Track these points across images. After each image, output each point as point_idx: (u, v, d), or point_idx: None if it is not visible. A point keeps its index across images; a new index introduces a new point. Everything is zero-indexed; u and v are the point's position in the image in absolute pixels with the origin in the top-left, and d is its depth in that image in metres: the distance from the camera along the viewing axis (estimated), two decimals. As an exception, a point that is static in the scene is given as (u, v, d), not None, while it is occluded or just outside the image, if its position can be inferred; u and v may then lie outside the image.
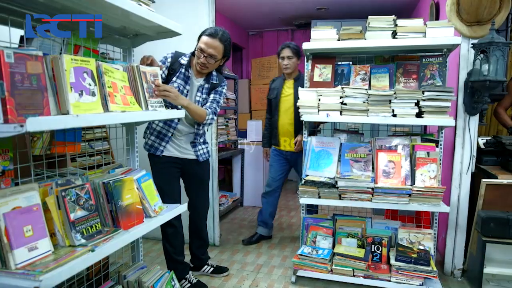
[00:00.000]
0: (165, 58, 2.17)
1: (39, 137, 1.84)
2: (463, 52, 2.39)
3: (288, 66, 2.97)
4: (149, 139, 2.21)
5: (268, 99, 3.20)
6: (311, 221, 2.64)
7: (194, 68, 2.19)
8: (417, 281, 2.22)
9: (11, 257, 1.12)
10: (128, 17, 1.59)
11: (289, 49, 2.95)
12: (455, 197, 2.51)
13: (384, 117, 2.26)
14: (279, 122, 3.07)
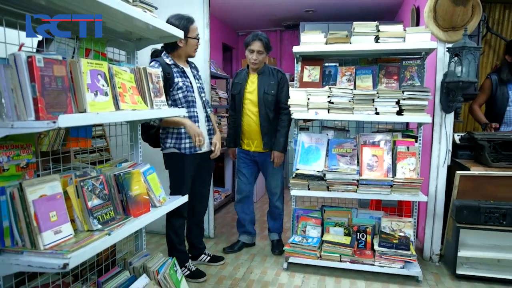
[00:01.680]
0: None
1: (45, 135, 1.98)
2: (439, 55, 2.61)
3: (256, 61, 2.76)
4: (184, 142, 2.30)
5: (232, 94, 2.96)
6: (301, 212, 2.82)
7: (181, 58, 2.35)
8: (398, 264, 2.43)
9: (40, 239, 1.26)
10: (133, 22, 1.73)
11: (261, 42, 2.74)
12: (433, 188, 2.73)
13: (368, 115, 2.46)
14: (243, 121, 2.85)
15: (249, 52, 2.78)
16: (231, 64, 6.46)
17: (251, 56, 2.76)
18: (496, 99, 2.97)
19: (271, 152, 2.80)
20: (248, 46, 2.78)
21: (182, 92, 2.26)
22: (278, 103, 2.76)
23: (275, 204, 2.94)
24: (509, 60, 2.89)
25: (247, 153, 2.90)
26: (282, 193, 2.97)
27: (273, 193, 2.93)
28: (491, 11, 3.75)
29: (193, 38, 2.31)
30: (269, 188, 2.95)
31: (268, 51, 2.81)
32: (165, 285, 1.96)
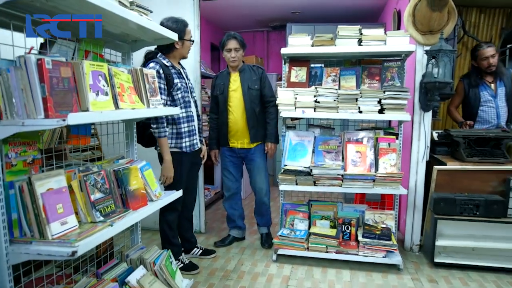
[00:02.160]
0: (158, 72, 2.27)
1: (42, 133, 2.05)
2: (418, 57, 2.77)
3: (235, 59, 2.84)
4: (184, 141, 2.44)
5: (214, 96, 3.00)
6: (289, 207, 2.95)
7: (175, 59, 2.47)
8: (380, 254, 2.58)
9: (48, 229, 1.36)
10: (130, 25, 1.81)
11: (236, 40, 2.82)
12: (413, 182, 2.89)
13: (351, 114, 2.60)
14: (229, 118, 2.91)
15: (226, 51, 2.86)
16: (218, 64, 6.55)
17: (229, 55, 2.85)
18: (469, 100, 3.16)
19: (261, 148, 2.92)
20: (224, 47, 2.86)
21: (181, 92, 2.37)
22: (263, 97, 2.89)
23: (262, 200, 3.02)
24: (475, 65, 3.08)
25: (233, 150, 2.98)
26: (268, 189, 3.06)
27: (259, 189, 3.01)
28: (467, 15, 3.96)
29: (188, 40, 2.41)
30: (254, 185, 3.03)
31: (244, 48, 2.89)
32: (161, 276, 2.05)
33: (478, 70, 3.12)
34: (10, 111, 1.30)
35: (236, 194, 3.12)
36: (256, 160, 2.95)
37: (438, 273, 2.59)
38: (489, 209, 2.53)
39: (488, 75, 3.11)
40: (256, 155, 2.94)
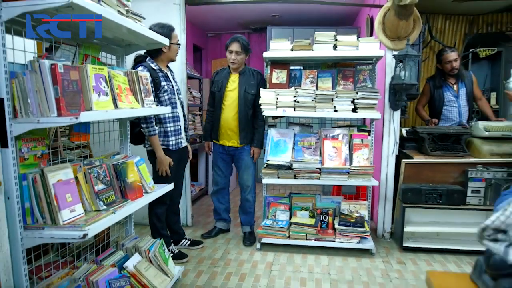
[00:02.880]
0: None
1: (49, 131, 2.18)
2: (388, 61, 3.04)
3: (235, 61, 2.96)
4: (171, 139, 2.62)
5: (212, 91, 3.15)
6: (272, 199, 3.17)
7: (163, 62, 2.64)
8: (355, 240, 2.83)
9: (59, 216, 1.52)
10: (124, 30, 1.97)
11: (239, 44, 2.94)
12: (384, 174, 3.17)
13: (328, 112, 2.84)
14: (222, 116, 3.05)
15: (228, 52, 2.99)
16: (201, 64, 6.70)
17: (230, 56, 2.98)
18: (434, 100, 3.46)
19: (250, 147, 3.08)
20: (227, 48, 3.00)
21: (167, 94, 2.54)
22: (256, 102, 2.99)
23: (246, 197, 3.19)
24: (440, 67, 3.39)
25: (223, 147, 3.13)
26: (254, 187, 3.22)
27: (244, 186, 3.18)
28: (434, 21, 4.29)
29: (175, 44, 2.59)
30: (241, 182, 3.20)
31: (247, 52, 3.01)
32: (155, 262, 2.23)
33: (442, 72, 3.42)
34: (25, 110, 1.46)
35: (224, 188, 3.27)
36: (244, 159, 3.11)
37: (406, 256, 2.87)
38: (450, 197, 2.82)
39: (451, 77, 3.42)
40: (245, 154, 3.10)
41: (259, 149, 3.11)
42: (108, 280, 1.87)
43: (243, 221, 3.25)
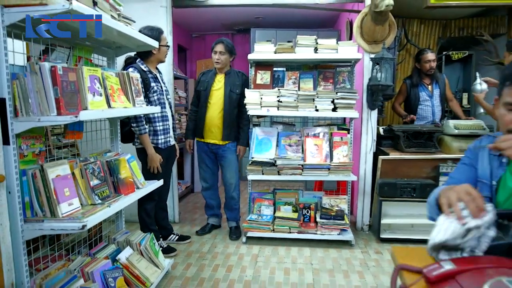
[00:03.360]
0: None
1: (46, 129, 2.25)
2: (365, 64, 3.22)
3: (219, 61, 3.09)
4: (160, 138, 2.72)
5: (197, 90, 3.24)
6: (256, 195, 3.31)
7: (153, 64, 2.74)
8: (335, 232, 3.00)
9: (58, 209, 1.61)
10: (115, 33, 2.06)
11: (223, 45, 3.08)
12: (363, 170, 3.35)
13: (309, 112, 3.00)
14: (207, 114, 3.14)
15: (213, 53, 3.13)
16: (185, 65, 6.78)
17: (214, 56, 3.12)
18: (411, 99, 3.67)
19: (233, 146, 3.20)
20: (213, 49, 3.14)
21: (156, 94, 2.64)
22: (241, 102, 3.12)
23: (231, 195, 3.30)
24: (418, 67, 3.59)
25: (208, 145, 3.23)
26: (238, 184, 3.33)
27: (229, 184, 3.28)
28: (410, 25, 4.51)
29: (164, 46, 2.70)
30: (225, 180, 3.30)
31: (231, 53, 3.14)
32: (146, 254, 2.34)
33: (419, 72, 3.63)
34: (25, 110, 1.55)
35: (213, 185, 3.37)
36: (227, 157, 3.22)
37: (383, 247, 3.05)
38: (423, 191, 3.02)
39: (426, 78, 3.63)
40: (228, 152, 3.21)
41: (245, 147, 3.23)
42: (103, 271, 1.97)
43: (229, 217, 3.36)
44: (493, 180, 1.17)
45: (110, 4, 1.95)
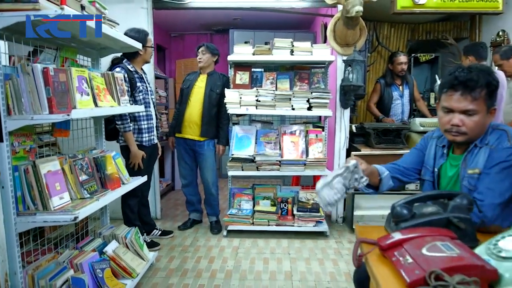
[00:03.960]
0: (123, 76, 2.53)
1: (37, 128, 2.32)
2: (339, 65, 3.42)
3: (201, 60, 3.26)
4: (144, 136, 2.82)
5: (181, 88, 3.42)
6: (236, 190, 3.45)
7: (139, 64, 2.84)
8: (311, 224, 3.19)
9: (50, 202, 1.71)
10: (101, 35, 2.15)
11: (205, 47, 3.28)
12: (336, 165, 3.55)
13: (286, 110, 3.17)
14: (187, 110, 3.26)
15: (197, 55, 3.31)
16: (164, 64, 6.83)
17: (198, 57, 3.30)
18: (384, 98, 3.90)
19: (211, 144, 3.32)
20: (196, 51, 3.33)
21: (142, 94, 2.74)
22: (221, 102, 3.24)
23: (210, 191, 3.41)
24: (390, 68, 3.83)
25: (185, 141, 3.32)
26: (216, 181, 3.45)
27: (206, 181, 3.38)
28: (380, 28, 4.76)
29: (150, 47, 2.80)
30: (203, 177, 3.40)
31: (213, 53, 3.28)
32: (132, 247, 2.44)
33: (391, 73, 3.86)
34: (18, 109, 1.64)
35: (193, 181, 3.47)
36: (205, 154, 3.34)
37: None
38: (392, 184, 3.24)
39: (398, 78, 3.87)
40: (205, 149, 3.32)
41: (224, 146, 3.36)
42: (91, 263, 2.06)
43: (209, 212, 3.47)
44: (435, 167, 1.41)
45: (96, 8, 2.05)
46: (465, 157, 1.32)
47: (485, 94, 1.23)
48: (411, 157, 1.55)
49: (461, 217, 1.03)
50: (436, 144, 1.44)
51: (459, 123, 1.27)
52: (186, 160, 3.41)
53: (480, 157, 1.28)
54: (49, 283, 1.81)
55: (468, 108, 1.25)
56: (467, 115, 1.26)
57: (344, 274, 2.58)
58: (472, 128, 1.26)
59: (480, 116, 1.25)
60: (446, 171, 1.39)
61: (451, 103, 1.27)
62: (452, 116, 1.28)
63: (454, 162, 1.38)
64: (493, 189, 1.23)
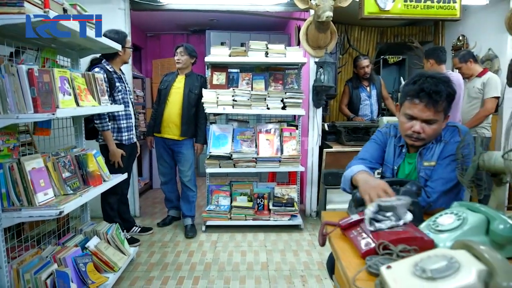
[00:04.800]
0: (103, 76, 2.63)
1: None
2: (311, 66, 3.60)
3: (179, 61, 3.31)
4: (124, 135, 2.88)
5: (159, 89, 3.45)
6: (214, 187, 3.57)
7: (117, 65, 2.91)
8: (286, 218, 3.35)
9: (35, 198, 1.78)
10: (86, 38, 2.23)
11: (183, 48, 3.32)
12: (310, 162, 3.73)
13: (262, 110, 3.31)
14: (165, 111, 3.31)
15: (175, 55, 3.36)
16: (140, 64, 6.84)
17: (176, 57, 3.35)
18: (353, 99, 4.11)
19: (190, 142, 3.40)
20: (175, 52, 3.38)
21: (121, 94, 2.81)
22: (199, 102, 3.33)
23: (188, 187, 3.46)
24: (355, 71, 4.04)
25: (164, 140, 3.38)
26: (194, 178, 3.51)
27: (185, 179, 3.44)
28: (351, 31, 4.99)
29: (128, 47, 2.88)
30: (181, 175, 3.46)
31: (191, 55, 3.34)
32: (113, 242, 2.51)
33: (357, 75, 4.08)
34: (3, 108, 1.70)
35: (172, 179, 3.55)
36: (184, 153, 3.42)
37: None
38: (361, 179, 3.44)
39: (364, 80, 4.09)
40: (184, 148, 3.40)
41: (202, 144, 3.46)
42: (74, 257, 2.13)
43: (185, 211, 3.44)
44: (394, 165, 1.56)
45: (77, 10, 2.12)
46: (420, 152, 1.48)
47: (445, 105, 1.37)
48: (376, 152, 1.65)
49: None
50: (395, 144, 1.59)
51: (420, 130, 1.39)
52: (165, 159, 3.48)
53: (435, 151, 1.45)
54: (34, 276, 1.88)
55: (430, 118, 1.36)
56: (427, 124, 1.38)
57: (317, 263, 2.75)
58: (430, 135, 1.41)
59: (438, 124, 1.39)
60: (403, 169, 1.55)
61: (415, 112, 1.37)
62: (414, 123, 1.39)
63: (410, 160, 1.54)
64: (442, 177, 1.41)
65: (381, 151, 1.64)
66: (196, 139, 3.43)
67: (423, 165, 1.47)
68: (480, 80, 3.35)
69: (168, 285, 2.43)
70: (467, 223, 0.97)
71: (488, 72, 3.39)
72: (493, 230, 0.94)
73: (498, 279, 0.65)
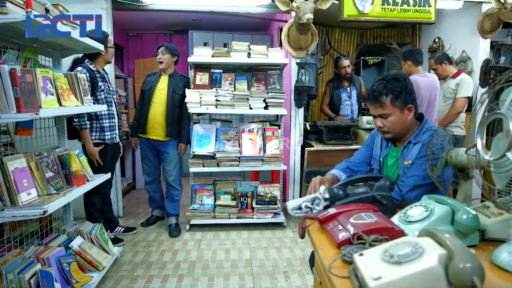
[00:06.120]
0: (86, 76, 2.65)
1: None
2: (293, 67, 3.67)
3: (161, 60, 3.32)
4: (107, 134, 2.89)
5: (142, 90, 3.44)
6: (198, 187, 3.60)
7: (100, 64, 2.92)
8: (269, 215, 3.41)
9: (18, 198, 1.78)
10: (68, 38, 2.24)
11: (164, 47, 3.34)
12: (292, 161, 3.80)
13: (245, 110, 3.36)
14: (150, 112, 3.33)
15: (157, 55, 3.37)
16: (122, 63, 6.78)
17: (157, 57, 3.36)
18: (334, 99, 4.21)
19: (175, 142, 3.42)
20: (156, 52, 3.39)
21: (104, 93, 2.81)
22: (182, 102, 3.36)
23: (173, 186, 3.48)
24: (337, 72, 4.14)
25: (149, 141, 3.40)
26: (179, 177, 3.54)
27: (170, 176, 3.45)
28: (332, 32, 5.09)
29: (110, 47, 2.88)
30: (166, 175, 3.47)
31: (172, 54, 3.36)
32: (97, 242, 2.52)
33: (338, 76, 4.18)
34: (-15, 108, 1.69)
35: (156, 179, 3.57)
36: (169, 153, 3.43)
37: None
38: (342, 177, 3.54)
39: (345, 81, 4.19)
40: (169, 148, 3.42)
41: (185, 144, 3.49)
42: (57, 257, 2.13)
43: (170, 210, 3.47)
44: (381, 157, 1.68)
45: (59, 11, 2.12)
46: (402, 151, 1.62)
47: (390, 99, 1.53)
48: (361, 153, 1.83)
49: (383, 195, 1.27)
50: (381, 139, 1.73)
51: (380, 125, 1.59)
52: (150, 158, 3.48)
53: (413, 151, 1.58)
54: (18, 276, 1.87)
55: (380, 113, 1.56)
56: (383, 118, 1.57)
57: (300, 259, 2.82)
58: (390, 127, 1.58)
59: (394, 116, 1.55)
60: (387, 160, 1.68)
61: (372, 111, 1.60)
62: (376, 120, 1.61)
63: (394, 153, 1.68)
64: (416, 175, 1.51)
65: (367, 151, 1.80)
66: (179, 139, 3.45)
67: (403, 164, 1.58)
68: (455, 81, 3.50)
69: (153, 283, 2.45)
70: (434, 214, 1.05)
71: (462, 73, 3.54)
72: (457, 220, 1.02)
73: (456, 261, 0.72)
